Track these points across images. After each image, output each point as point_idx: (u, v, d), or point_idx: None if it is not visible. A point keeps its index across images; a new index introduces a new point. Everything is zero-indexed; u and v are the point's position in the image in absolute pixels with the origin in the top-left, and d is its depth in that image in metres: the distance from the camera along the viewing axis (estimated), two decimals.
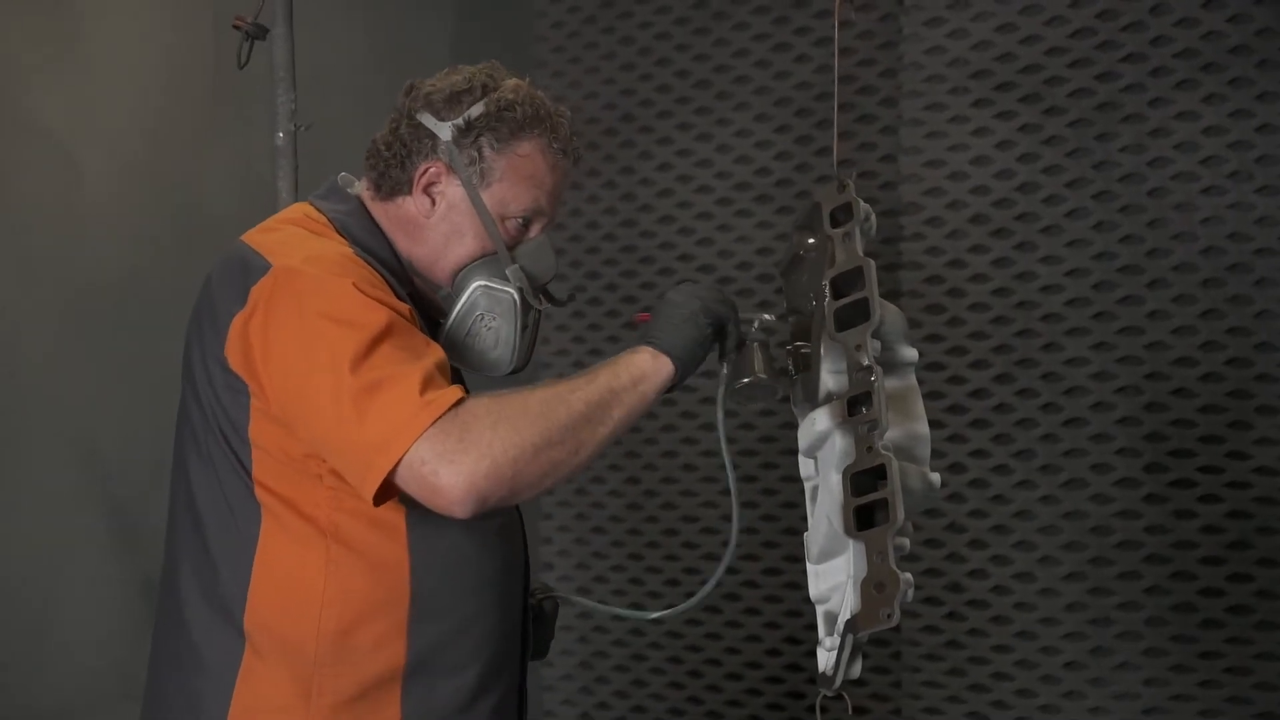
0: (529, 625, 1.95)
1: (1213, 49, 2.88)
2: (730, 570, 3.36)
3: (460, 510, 1.57)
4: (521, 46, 3.58)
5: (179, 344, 1.84)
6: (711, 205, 3.41)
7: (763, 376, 1.87)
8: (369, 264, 1.73)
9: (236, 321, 1.65)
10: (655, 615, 2.06)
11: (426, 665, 1.75)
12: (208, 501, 1.73)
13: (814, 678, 1.76)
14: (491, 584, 1.84)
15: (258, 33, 2.66)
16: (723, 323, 1.85)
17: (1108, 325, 3.00)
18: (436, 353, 1.66)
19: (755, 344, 1.88)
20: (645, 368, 1.76)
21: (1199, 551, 2.95)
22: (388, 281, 1.74)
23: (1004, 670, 3.13)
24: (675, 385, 1.79)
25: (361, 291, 1.63)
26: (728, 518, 3.33)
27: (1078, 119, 3.00)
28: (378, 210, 1.86)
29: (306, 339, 1.61)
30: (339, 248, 1.74)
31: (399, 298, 1.73)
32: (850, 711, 1.77)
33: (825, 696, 1.77)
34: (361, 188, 1.89)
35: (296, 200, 2.48)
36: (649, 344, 1.79)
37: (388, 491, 1.59)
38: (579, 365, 3.54)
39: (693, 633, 3.47)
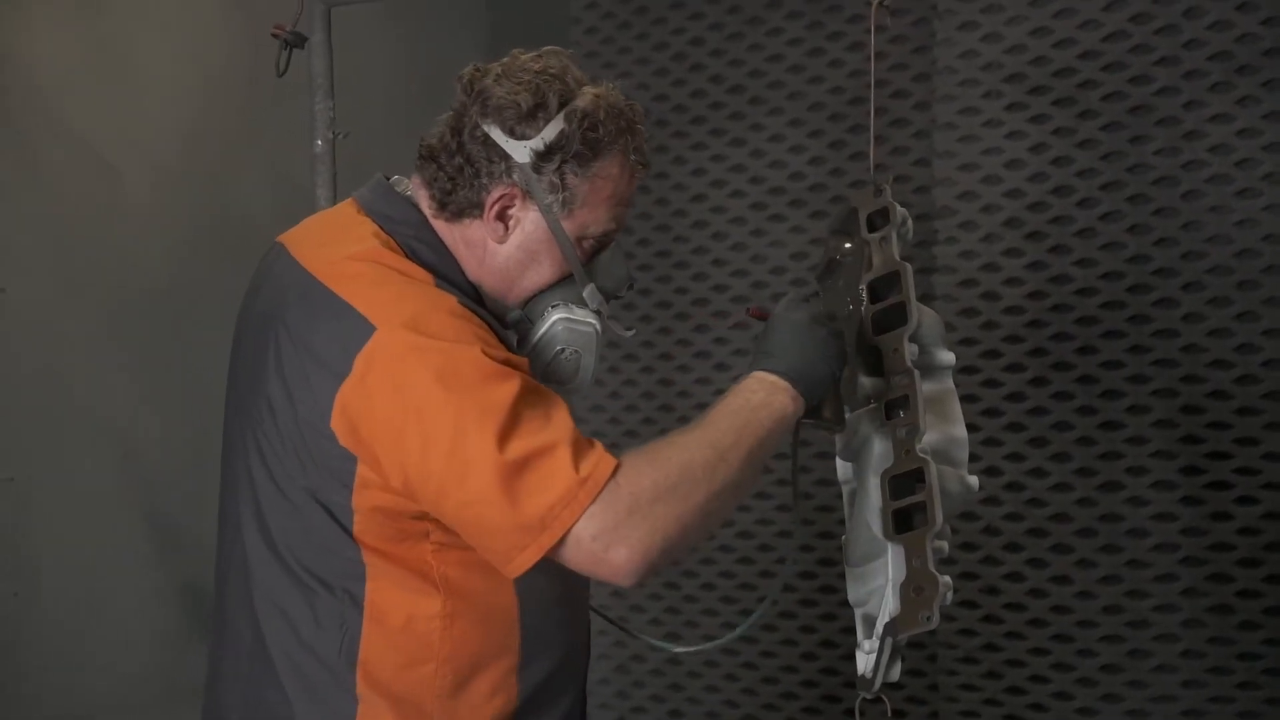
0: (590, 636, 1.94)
1: (1247, 52, 2.87)
2: (765, 575, 3.38)
3: (629, 581, 1.57)
4: None
5: (217, 349, 1.84)
6: (745, 210, 3.41)
7: (826, 416, 1.84)
8: (472, 311, 1.65)
9: (344, 392, 1.56)
10: (678, 650, 2.07)
11: (533, 704, 1.73)
12: (309, 559, 1.65)
13: (851, 682, 1.76)
14: (579, 609, 1.84)
15: (296, 41, 2.69)
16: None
17: (1142, 328, 2.99)
18: (560, 405, 1.60)
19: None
20: (788, 414, 1.73)
21: (1236, 554, 2.94)
22: (491, 326, 1.67)
23: (1041, 673, 3.12)
24: None
25: (490, 358, 1.56)
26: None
27: (1111, 122, 2.99)
28: (442, 229, 1.77)
29: (440, 417, 1.53)
30: (441, 298, 1.63)
31: (507, 345, 1.68)
32: (890, 715, 1.78)
33: (864, 700, 1.78)
34: (419, 195, 1.79)
35: None
36: (792, 382, 1.74)
37: None
38: (614, 371, 3.55)
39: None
